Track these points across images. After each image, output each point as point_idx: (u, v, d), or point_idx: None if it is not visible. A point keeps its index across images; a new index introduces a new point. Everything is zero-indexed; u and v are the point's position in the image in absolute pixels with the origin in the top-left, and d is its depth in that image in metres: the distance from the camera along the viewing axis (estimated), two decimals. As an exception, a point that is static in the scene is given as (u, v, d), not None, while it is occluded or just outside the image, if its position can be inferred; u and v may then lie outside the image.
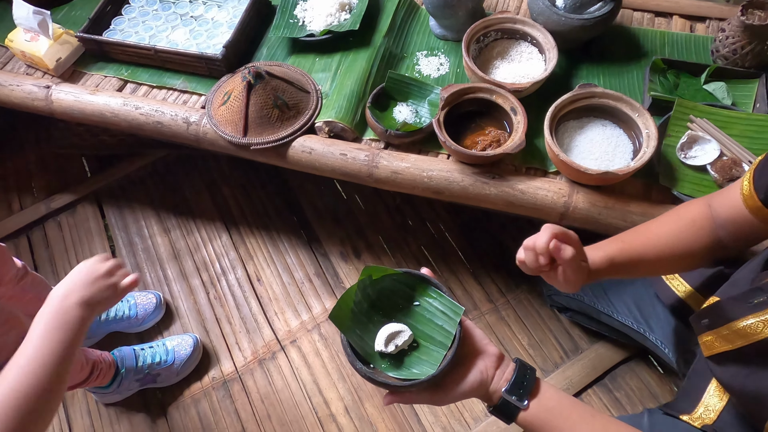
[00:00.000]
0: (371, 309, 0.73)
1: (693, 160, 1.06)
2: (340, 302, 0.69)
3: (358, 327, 0.71)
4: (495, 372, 0.69)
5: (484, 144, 1.11)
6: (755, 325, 0.66)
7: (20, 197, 1.81)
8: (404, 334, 0.70)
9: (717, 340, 0.72)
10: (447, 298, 0.72)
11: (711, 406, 0.82)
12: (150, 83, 1.34)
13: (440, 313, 0.72)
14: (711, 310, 0.75)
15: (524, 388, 0.68)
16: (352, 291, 0.71)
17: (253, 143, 1.18)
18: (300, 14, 1.38)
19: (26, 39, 1.34)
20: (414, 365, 0.70)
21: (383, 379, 0.67)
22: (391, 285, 0.74)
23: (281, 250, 1.65)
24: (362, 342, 0.70)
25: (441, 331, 0.71)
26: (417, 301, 0.74)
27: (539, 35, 1.21)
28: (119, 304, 1.47)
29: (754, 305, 0.67)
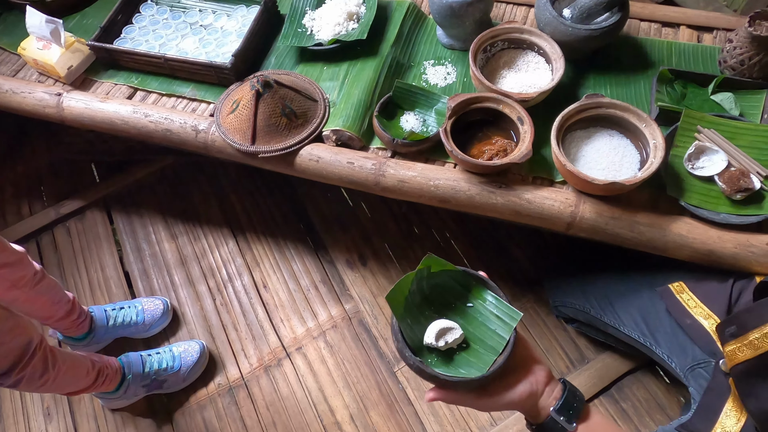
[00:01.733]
0: (423, 302, 0.72)
1: (701, 170, 1.06)
2: (397, 287, 0.68)
3: (410, 316, 0.69)
4: (545, 388, 0.67)
5: (490, 153, 1.11)
6: None
7: (30, 202, 1.83)
8: (455, 332, 0.69)
9: (740, 348, 0.71)
10: (504, 302, 0.70)
11: (728, 427, 0.81)
12: (159, 91, 1.36)
13: (494, 317, 0.70)
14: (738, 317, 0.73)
15: (574, 410, 0.66)
16: (410, 278, 0.69)
17: (261, 151, 1.19)
18: (308, 24, 1.39)
19: (39, 47, 1.36)
20: (461, 365, 0.69)
21: (432, 372, 0.64)
22: (447, 282, 0.73)
23: (287, 257, 1.66)
24: (411, 333, 0.69)
25: (493, 335, 0.69)
26: (471, 303, 0.73)
27: (546, 45, 1.22)
28: (126, 309, 1.48)
29: None
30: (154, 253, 1.70)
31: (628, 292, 1.19)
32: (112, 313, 1.46)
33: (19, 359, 1.01)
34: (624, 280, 1.22)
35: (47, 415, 1.46)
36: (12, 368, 1.00)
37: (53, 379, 1.09)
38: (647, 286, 1.16)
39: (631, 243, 1.05)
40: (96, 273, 1.67)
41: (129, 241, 1.73)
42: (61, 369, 1.10)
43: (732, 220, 1.00)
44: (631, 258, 1.20)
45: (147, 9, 1.48)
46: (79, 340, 1.43)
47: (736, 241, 0.98)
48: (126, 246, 1.72)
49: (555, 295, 1.37)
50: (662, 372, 1.37)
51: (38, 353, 1.04)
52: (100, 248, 1.72)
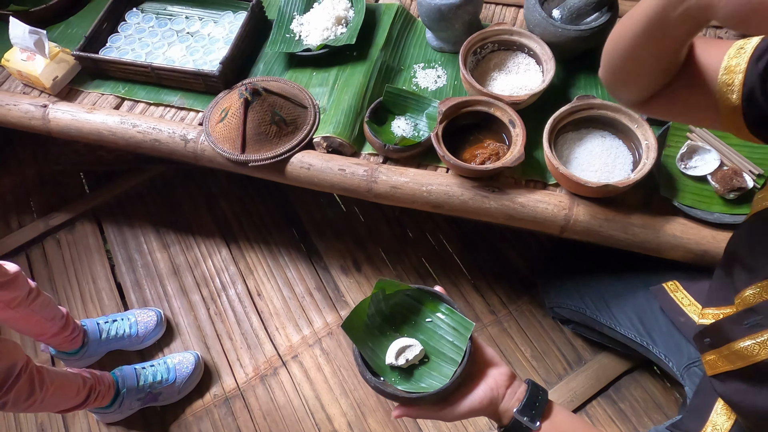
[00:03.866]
0: (384, 323, 0.74)
1: (693, 170, 1.06)
2: (353, 314, 0.71)
3: (371, 339, 0.72)
4: (506, 391, 0.68)
5: (483, 157, 1.10)
6: (752, 347, 0.64)
7: (19, 215, 1.81)
8: (414, 348, 0.70)
9: (719, 359, 0.71)
10: (458, 314, 0.72)
11: (719, 426, 0.81)
12: (147, 100, 1.34)
13: (451, 329, 0.72)
14: (712, 329, 0.74)
15: (536, 409, 0.66)
16: (366, 303, 0.72)
17: (251, 160, 1.18)
18: (296, 29, 1.38)
19: (22, 58, 1.34)
20: (424, 379, 0.70)
21: (392, 391, 0.67)
22: (404, 300, 0.75)
23: (281, 264, 1.64)
24: (374, 354, 0.71)
25: (452, 347, 0.71)
26: (429, 318, 0.75)
27: (536, 47, 1.21)
28: (119, 322, 1.46)
29: (748, 327, 0.66)
30: (146, 264, 1.68)
31: (624, 292, 1.19)
32: (105, 326, 1.44)
33: (2, 383, 0.99)
34: (619, 280, 1.22)
35: (41, 430, 1.44)
36: None
37: (41, 400, 1.07)
38: (642, 285, 1.16)
39: (625, 244, 1.04)
40: (88, 285, 1.65)
41: (120, 252, 1.71)
42: (49, 390, 1.08)
43: (725, 219, 1.00)
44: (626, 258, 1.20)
45: (132, 17, 1.46)
46: (72, 355, 1.41)
47: (731, 240, 0.98)
48: (117, 257, 1.70)
49: (550, 296, 1.36)
50: (659, 371, 1.37)
51: (23, 376, 1.03)
52: (91, 260, 1.70)
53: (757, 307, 0.67)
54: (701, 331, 0.76)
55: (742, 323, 0.68)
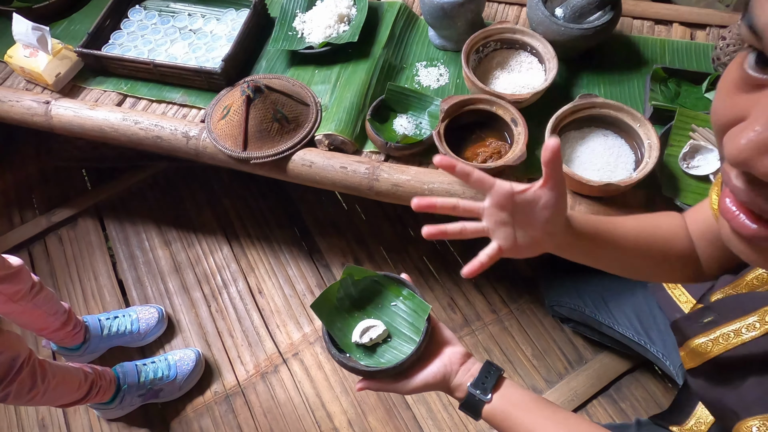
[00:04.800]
0: (352, 306, 0.81)
1: (696, 169, 1.05)
2: (322, 296, 0.78)
3: (339, 320, 0.79)
4: (460, 367, 0.72)
5: (485, 156, 1.10)
6: (705, 344, 0.65)
7: (21, 211, 1.81)
8: (378, 328, 0.77)
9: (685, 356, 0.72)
10: (418, 298, 0.79)
11: (702, 419, 0.82)
12: (149, 97, 1.34)
13: (411, 312, 0.79)
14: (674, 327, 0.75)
15: (487, 383, 0.70)
16: (335, 287, 0.79)
17: (252, 157, 1.18)
18: (299, 26, 1.38)
19: (25, 55, 1.34)
20: (385, 356, 0.77)
21: (353, 365, 0.73)
22: (371, 285, 0.82)
23: (282, 262, 1.64)
24: (341, 334, 0.78)
25: (411, 327, 0.78)
26: (393, 302, 0.81)
27: (539, 45, 1.21)
28: (121, 318, 1.47)
29: (704, 324, 0.67)
30: (147, 261, 1.68)
31: (622, 291, 1.19)
32: (107, 322, 1.45)
33: (5, 374, 1.00)
34: (618, 279, 1.21)
35: (42, 426, 1.45)
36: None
37: (43, 393, 1.07)
38: (641, 284, 1.16)
39: (627, 244, 1.04)
40: (89, 282, 1.66)
41: (122, 249, 1.71)
42: (50, 383, 1.09)
43: (728, 219, 1.00)
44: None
45: (135, 14, 1.46)
46: (74, 351, 1.41)
47: (733, 240, 0.98)
48: (119, 253, 1.71)
49: (550, 295, 1.36)
50: (660, 371, 1.37)
51: (26, 368, 1.03)
52: (93, 256, 1.70)
53: (713, 305, 0.69)
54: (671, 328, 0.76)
55: (698, 321, 0.69)
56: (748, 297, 0.65)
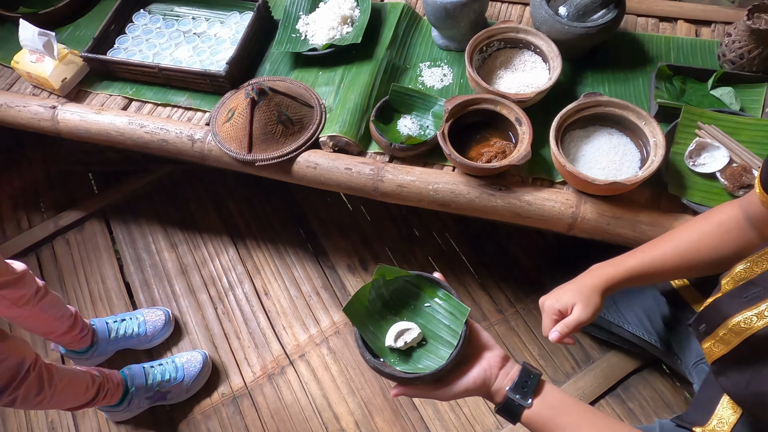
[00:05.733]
0: (384, 307, 0.77)
1: (702, 167, 1.05)
2: (355, 298, 0.74)
3: (372, 323, 0.75)
4: (499, 372, 0.71)
5: (489, 155, 1.10)
6: (749, 319, 0.66)
7: (29, 215, 1.83)
8: (413, 332, 0.74)
9: (715, 344, 0.72)
10: (455, 299, 0.75)
11: (725, 419, 0.81)
12: (155, 101, 1.35)
13: (448, 314, 0.76)
14: (706, 313, 0.75)
15: (528, 387, 0.70)
16: (367, 289, 0.75)
17: (257, 159, 1.18)
18: (302, 28, 1.38)
19: (32, 60, 1.35)
20: (421, 361, 0.74)
21: (390, 371, 0.70)
22: (404, 286, 0.78)
23: (288, 264, 1.65)
24: (374, 337, 0.75)
25: (448, 330, 0.75)
26: (428, 303, 0.78)
27: (543, 44, 1.21)
28: (128, 321, 1.47)
29: (747, 300, 0.67)
30: (154, 263, 1.69)
31: (631, 290, 1.18)
32: (114, 325, 1.45)
33: (11, 379, 1.00)
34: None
35: (52, 429, 1.46)
36: (5, 388, 1.00)
37: (50, 397, 1.08)
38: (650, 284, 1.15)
39: (633, 242, 1.03)
40: (97, 285, 1.66)
41: (129, 252, 1.72)
42: (58, 387, 1.09)
43: (735, 216, 0.99)
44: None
45: (140, 18, 1.47)
46: (82, 354, 1.42)
47: (740, 238, 0.97)
48: (126, 256, 1.71)
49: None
50: (668, 370, 1.36)
51: (32, 373, 1.04)
52: (100, 259, 1.71)
53: (756, 279, 0.69)
54: (696, 318, 0.76)
55: (741, 297, 0.69)
56: None
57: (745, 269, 0.70)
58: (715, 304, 0.73)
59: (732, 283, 0.71)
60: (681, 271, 0.86)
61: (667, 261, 0.84)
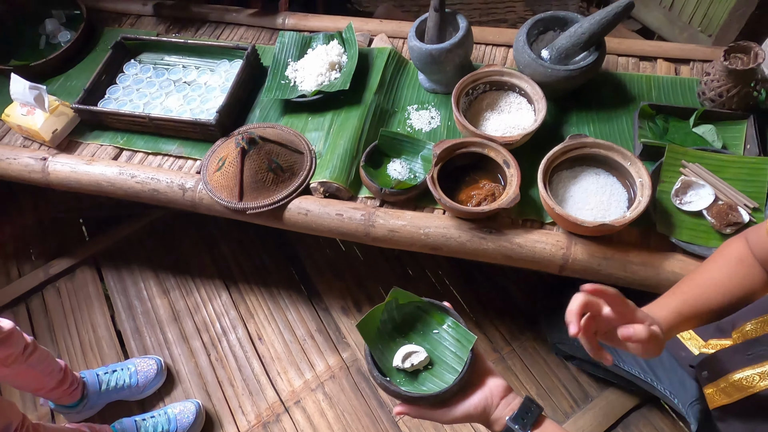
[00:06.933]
0: (394, 329, 0.81)
1: (689, 205, 1.06)
2: (368, 317, 0.78)
3: (382, 343, 0.79)
4: (500, 401, 0.72)
5: (479, 198, 1.11)
6: (751, 377, 0.65)
7: (19, 264, 1.81)
8: (420, 355, 0.77)
9: (717, 393, 0.71)
10: (462, 328, 0.78)
11: None
12: (145, 150, 1.36)
13: (455, 341, 0.78)
14: (709, 361, 0.74)
15: (528, 419, 0.70)
16: (380, 309, 0.78)
17: (249, 208, 1.19)
18: (291, 75, 1.40)
19: (23, 113, 1.36)
20: (425, 383, 0.77)
21: (395, 389, 0.73)
22: (415, 311, 0.82)
23: (282, 307, 1.63)
24: (383, 356, 0.78)
25: (454, 357, 0.77)
26: (436, 329, 0.81)
27: (527, 86, 1.23)
28: (119, 372, 1.45)
29: (752, 357, 0.67)
30: (146, 310, 1.67)
31: (627, 329, 1.18)
32: (105, 377, 1.43)
33: None
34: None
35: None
36: None
37: None
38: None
39: (625, 282, 1.04)
40: (87, 334, 1.64)
41: (120, 299, 1.70)
42: None
43: (724, 254, 1.00)
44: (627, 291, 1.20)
45: (130, 68, 1.49)
46: (72, 408, 1.39)
47: (730, 276, 0.98)
48: (117, 304, 1.70)
49: (552, 333, 1.35)
50: (668, 406, 1.35)
51: None
52: (91, 308, 1.69)
53: (763, 338, 0.68)
54: (699, 364, 0.76)
55: (744, 353, 0.68)
56: None
57: (754, 329, 0.70)
58: (719, 355, 0.73)
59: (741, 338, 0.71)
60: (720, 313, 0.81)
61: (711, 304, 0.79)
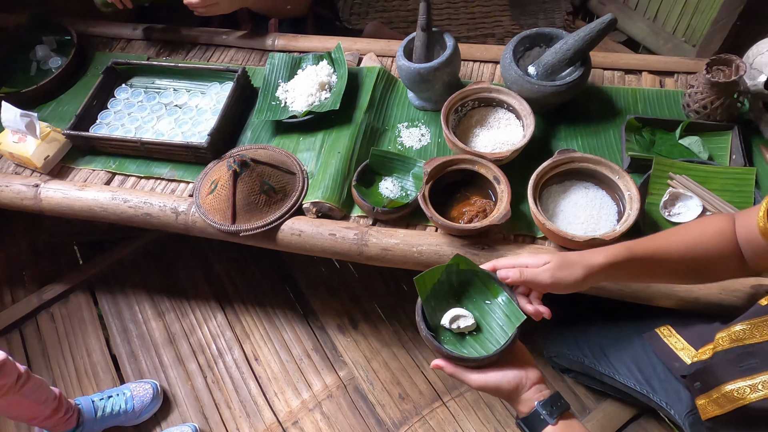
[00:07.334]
0: (449, 292, 0.85)
1: (678, 217, 1.07)
2: (427, 274, 0.83)
3: (435, 300, 0.83)
4: (533, 386, 0.75)
5: (470, 214, 1.12)
6: (743, 389, 0.66)
7: (12, 290, 1.80)
8: (467, 320, 0.82)
9: (709, 403, 0.72)
10: (514, 305, 0.81)
11: None
12: (138, 174, 1.36)
13: (504, 316, 0.83)
14: (702, 372, 0.75)
15: (557, 408, 0.72)
16: (440, 269, 0.83)
17: (242, 230, 1.19)
18: (282, 96, 1.41)
19: (14, 140, 1.36)
20: (467, 347, 0.81)
21: (438, 346, 0.77)
22: (472, 279, 0.86)
23: (277, 326, 1.63)
24: (433, 313, 0.82)
25: (500, 330, 0.82)
26: (489, 300, 0.85)
27: (515, 102, 1.25)
28: (115, 398, 1.44)
29: (743, 369, 0.68)
30: (141, 333, 1.66)
31: (621, 341, 1.18)
32: (100, 403, 1.42)
33: None
34: (616, 328, 1.22)
35: None
36: None
37: None
38: (639, 332, 1.16)
39: (617, 295, 1.05)
40: (82, 359, 1.63)
41: (115, 323, 1.69)
42: None
43: (714, 265, 1.01)
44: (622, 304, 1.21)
45: (121, 92, 1.50)
46: (67, 435, 1.38)
47: (721, 287, 0.99)
48: (112, 328, 1.69)
49: (549, 347, 1.36)
50: (665, 417, 1.35)
51: None
52: (85, 333, 1.68)
53: (755, 350, 0.69)
54: (692, 375, 0.77)
55: (737, 365, 0.69)
56: None
57: (744, 330, 0.71)
58: (711, 366, 0.73)
59: (728, 340, 0.72)
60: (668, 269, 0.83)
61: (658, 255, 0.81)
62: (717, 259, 0.80)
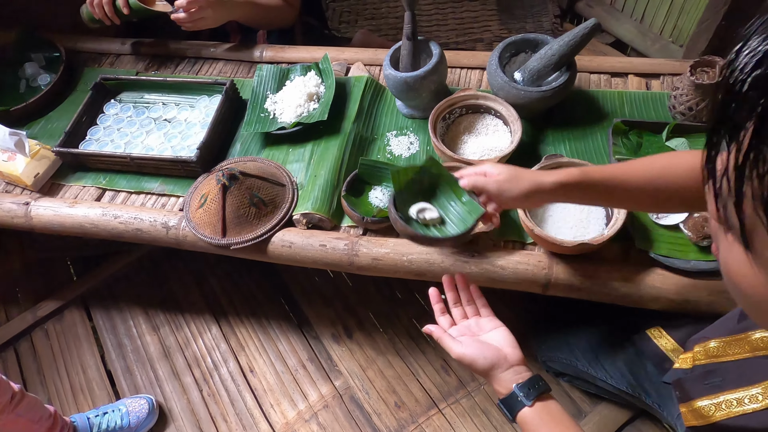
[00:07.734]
0: (420, 190, 0.98)
1: (665, 219, 1.08)
2: (402, 170, 0.96)
3: (407, 194, 0.97)
4: (511, 367, 0.77)
5: (460, 222, 1.12)
6: (708, 408, 0.66)
7: (6, 307, 1.80)
8: (432, 212, 0.96)
9: (689, 413, 0.72)
10: (474, 202, 0.93)
11: None
12: (128, 189, 1.36)
13: (465, 212, 0.95)
14: (678, 383, 0.75)
15: (534, 390, 0.73)
16: (415, 168, 0.96)
17: (232, 243, 1.19)
18: (270, 107, 1.42)
19: (3, 159, 1.36)
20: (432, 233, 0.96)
21: (405, 225, 0.92)
22: (441, 182, 0.98)
23: (272, 337, 1.63)
24: (403, 206, 0.96)
25: (461, 223, 0.95)
26: (453, 201, 0.97)
27: (502, 108, 1.25)
28: (110, 414, 1.43)
29: (708, 387, 0.68)
30: (136, 348, 1.66)
31: (613, 344, 1.19)
32: (96, 420, 1.41)
33: None
34: (608, 331, 1.22)
35: None
36: None
37: None
38: (630, 335, 1.16)
39: (607, 299, 1.05)
40: (77, 375, 1.63)
41: (110, 338, 1.69)
42: None
43: (702, 266, 1.01)
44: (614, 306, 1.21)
45: (111, 108, 1.50)
46: (63, 453, 1.37)
47: (710, 288, 0.99)
48: (107, 343, 1.68)
49: (542, 350, 1.36)
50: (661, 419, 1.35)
51: None
52: (80, 349, 1.68)
53: (719, 369, 0.70)
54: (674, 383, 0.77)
55: (702, 382, 0.69)
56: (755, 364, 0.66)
57: (718, 347, 0.71)
58: (683, 381, 0.74)
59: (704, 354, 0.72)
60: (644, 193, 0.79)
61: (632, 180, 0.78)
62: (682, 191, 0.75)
